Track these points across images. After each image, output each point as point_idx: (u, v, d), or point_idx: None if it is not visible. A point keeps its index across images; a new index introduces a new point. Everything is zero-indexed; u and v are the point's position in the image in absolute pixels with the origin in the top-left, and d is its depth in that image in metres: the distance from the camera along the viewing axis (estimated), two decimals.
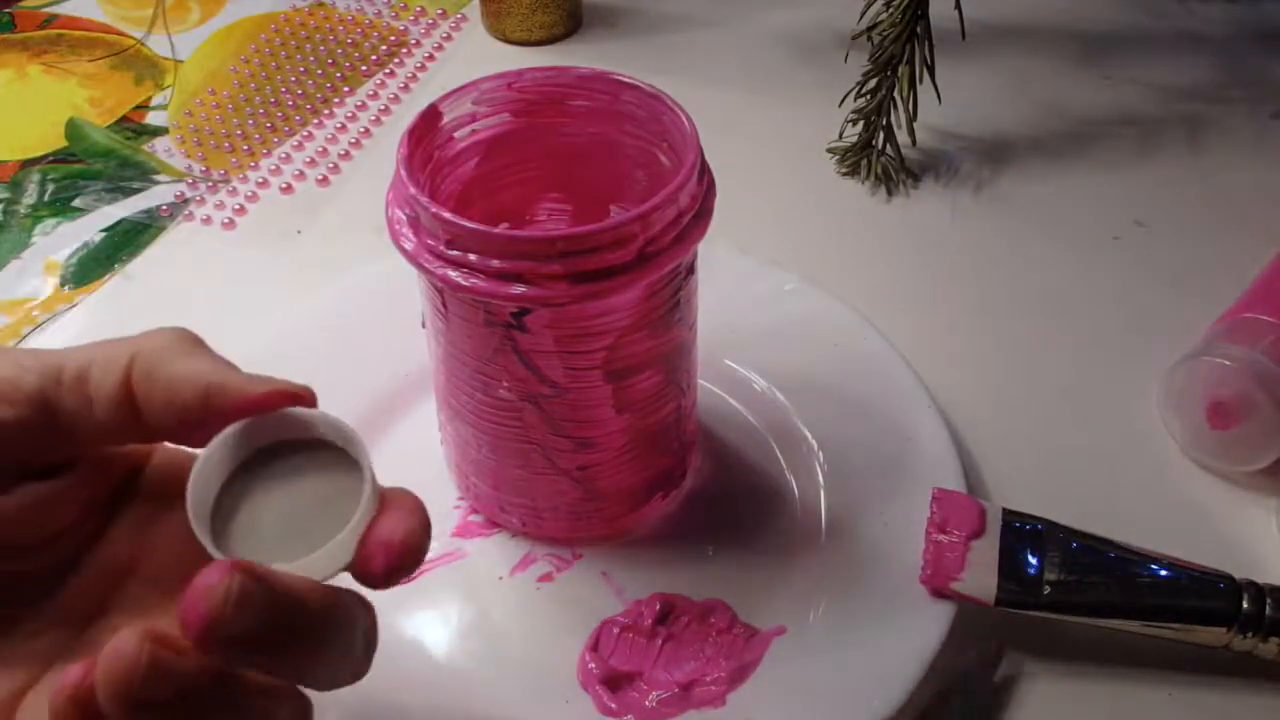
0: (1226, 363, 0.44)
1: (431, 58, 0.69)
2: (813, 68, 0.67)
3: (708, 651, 0.39)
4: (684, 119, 0.37)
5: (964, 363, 0.50)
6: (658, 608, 0.40)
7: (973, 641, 0.39)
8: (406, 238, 0.35)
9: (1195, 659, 0.39)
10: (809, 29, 0.70)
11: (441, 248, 0.34)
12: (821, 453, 0.45)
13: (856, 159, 0.59)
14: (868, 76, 0.58)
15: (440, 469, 0.44)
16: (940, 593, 0.39)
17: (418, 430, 0.45)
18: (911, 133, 0.58)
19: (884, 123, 0.58)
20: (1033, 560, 0.39)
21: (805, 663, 0.38)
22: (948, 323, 0.52)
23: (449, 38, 0.70)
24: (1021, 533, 0.40)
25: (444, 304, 0.36)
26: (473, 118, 0.39)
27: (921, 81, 0.57)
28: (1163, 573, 0.39)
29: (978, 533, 0.40)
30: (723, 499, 0.44)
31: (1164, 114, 0.64)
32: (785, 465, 0.45)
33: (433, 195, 0.37)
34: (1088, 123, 0.63)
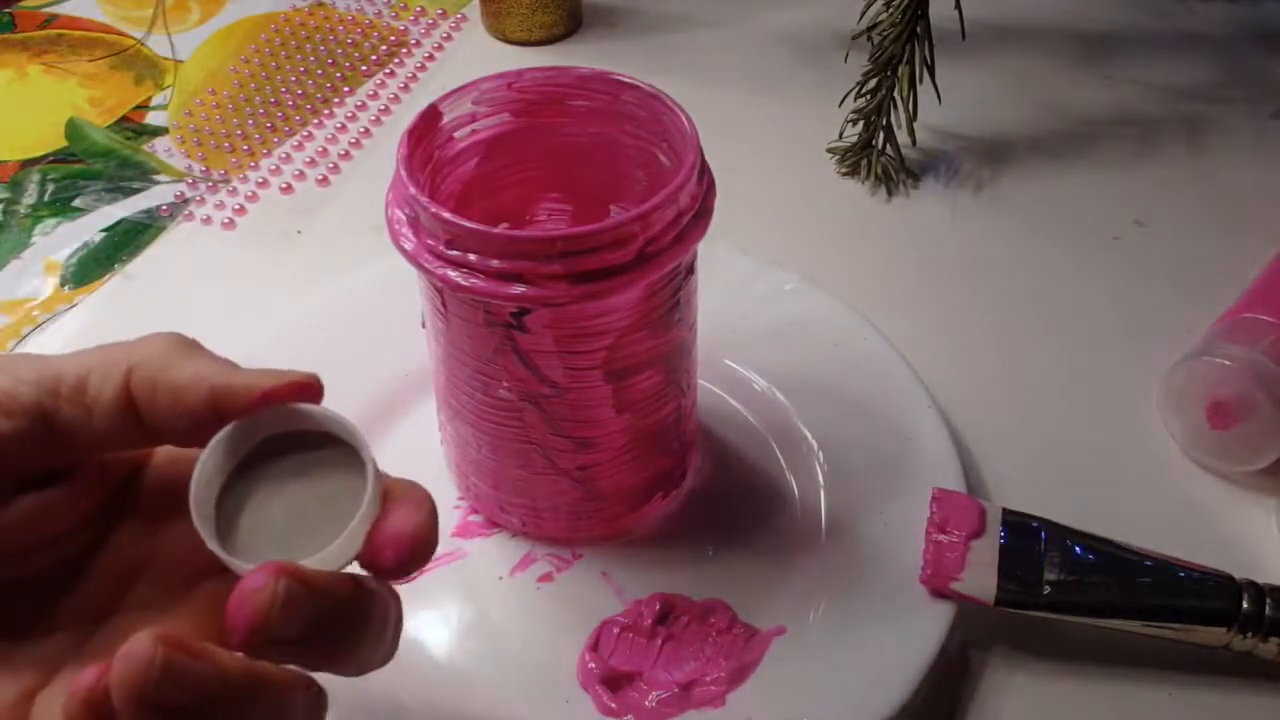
0: (1226, 363, 0.44)
1: (431, 58, 0.69)
2: (813, 68, 0.67)
3: (708, 651, 0.39)
4: (684, 119, 0.37)
5: (964, 363, 0.50)
6: (658, 608, 0.40)
7: (973, 642, 0.40)
8: (406, 238, 0.35)
9: (1195, 659, 0.39)
10: (809, 29, 0.70)
11: (441, 248, 0.34)
12: (821, 453, 0.45)
13: (856, 159, 0.59)
14: (868, 76, 0.58)
15: (440, 469, 0.44)
16: (940, 593, 0.39)
17: (418, 430, 0.45)
18: (911, 133, 0.58)
19: (884, 123, 0.58)
20: (1033, 560, 0.39)
21: (805, 663, 0.38)
22: (948, 323, 0.52)
23: (449, 38, 0.70)
24: (1021, 533, 0.40)
25: (444, 304, 0.36)
26: (473, 118, 0.39)
27: (921, 81, 0.57)
28: (1163, 573, 0.39)
29: (978, 533, 0.40)
30: (723, 499, 0.44)
31: (1164, 114, 0.64)
32: (785, 465, 0.45)
33: (433, 195, 0.37)
34: (1088, 123, 0.63)
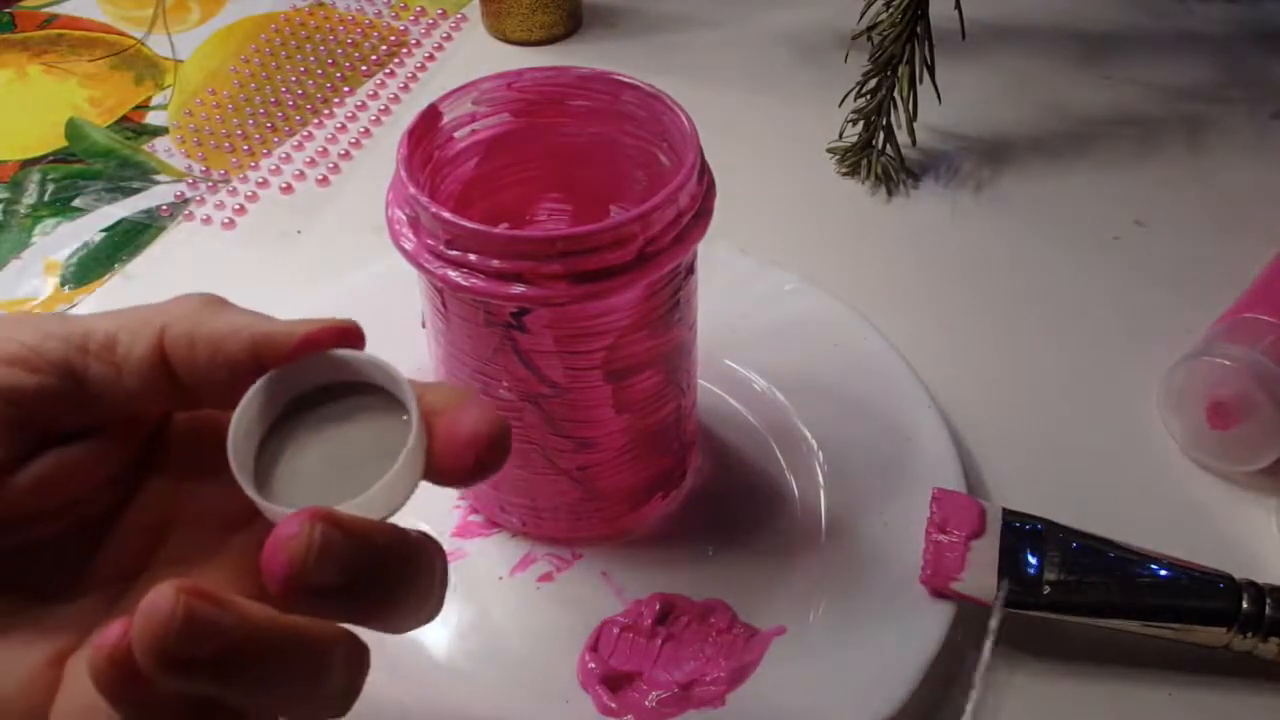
0: (1226, 363, 0.44)
1: (431, 58, 0.69)
2: (813, 68, 0.67)
3: (708, 651, 0.39)
4: (684, 119, 0.37)
5: (964, 363, 0.50)
6: (658, 608, 0.40)
7: (972, 642, 0.40)
8: (406, 238, 0.35)
9: (1195, 659, 0.39)
10: (809, 29, 0.70)
11: (441, 248, 0.34)
12: (821, 453, 0.45)
13: (856, 159, 0.59)
14: (868, 76, 0.58)
15: None
16: (940, 593, 0.39)
17: None
18: (911, 133, 0.58)
19: (884, 123, 0.58)
20: (1033, 560, 0.39)
21: (805, 663, 0.38)
22: (947, 323, 0.52)
23: (449, 38, 0.70)
24: (1021, 533, 0.40)
25: (444, 304, 0.36)
26: (473, 118, 0.39)
27: (921, 81, 0.57)
28: (1163, 573, 0.39)
29: (978, 533, 0.40)
30: (723, 499, 0.44)
31: (1164, 114, 0.64)
32: (785, 465, 0.45)
33: (433, 195, 0.37)
34: (1088, 123, 0.63)
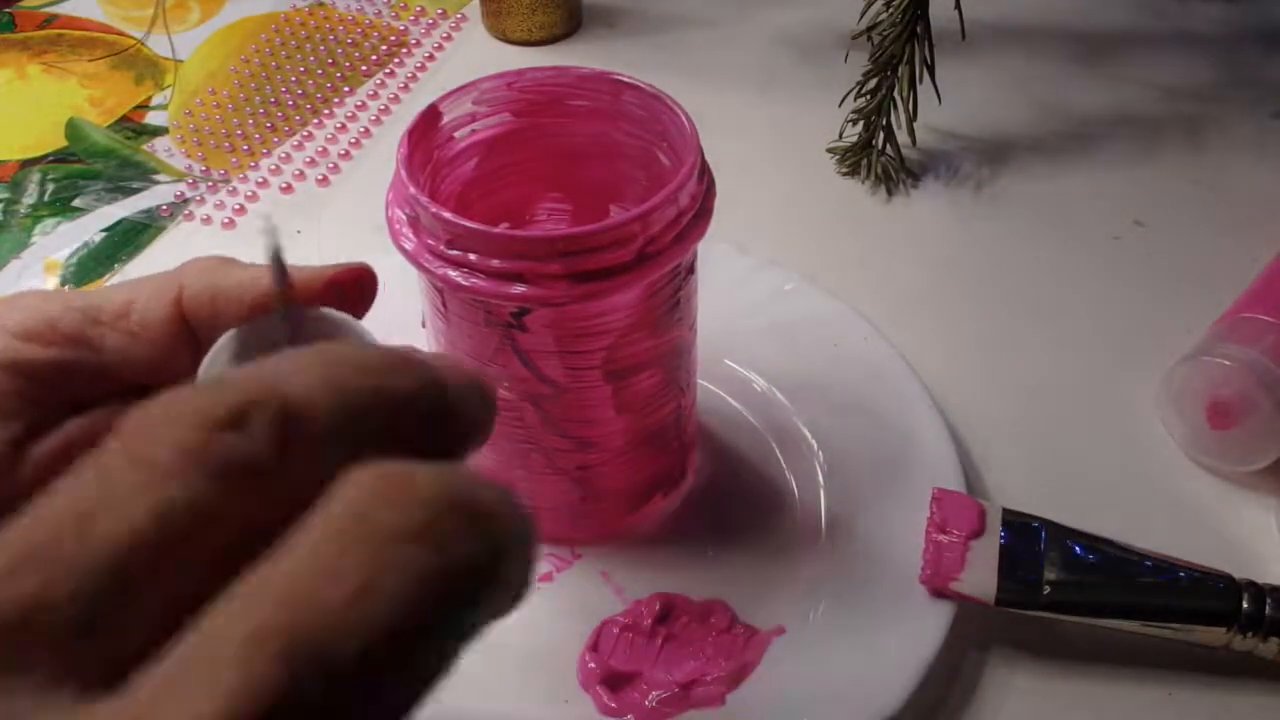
0: (1226, 363, 0.44)
1: (431, 58, 0.69)
2: (813, 68, 0.67)
3: (708, 651, 0.39)
4: (684, 119, 0.37)
5: (964, 363, 0.50)
6: (658, 608, 0.40)
7: (972, 642, 0.40)
8: (406, 238, 0.35)
9: (1195, 659, 0.39)
10: (809, 29, 0.70)
11: (441, 248, 0.34)
12: (821, 453, 0.45)
13: (856, 159, 0.59)
14: (868, 76, 0.58)
15: None
16: (940, 593, 0.39)
17: None
18: (911, 133, 0.58)
19: (884, 123, 0.58)
20: (1033, 560, 0.39)
21: (805, 663, 0.38)
22: (947, 322, 0.52)
23: (449, 38, 0.70)
24: (1021, 533, 0.40)
25: (444, 304, 0.36)
26: (473, 118, 0.39)
27: (921, 81, 0.57)
28: (1163, 573, 0.39)
29: (978, 533, 0.40)
30: (723, 499, 0.44)
31: (1164, 114, 0.64)
32: (785, 465, 0.45)
33: (433, 195, 0.37)
34: (1088, 123, 0.63)
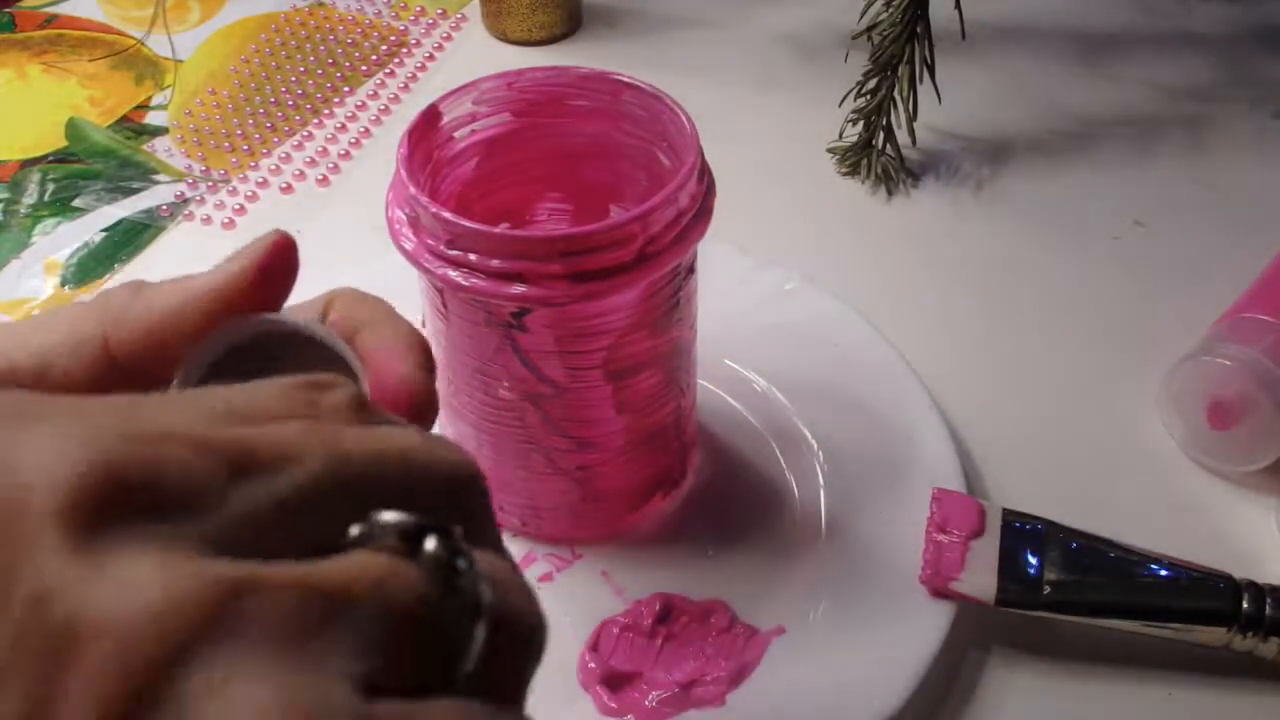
0: (1226, 363, 0.44)
1: (431, 58, 0.69)
2: (813, 68, 0.67)
3: (708, 651, 0.39)
4: (684, 119, 0.37)
5: (964, 363, 0.50)
6: (658, 608, 0.40)
7: (972, 642, 0.40)
8: (406, 238, 0.35)
9: (1195, 659, 0.39)
10: (809, 29, 0.70)
11: (442, 248, 0.34)
12: (821, 453, 0.45)
13: (856, 159, 0.59)
14: (868, 76, 0.58)
15: None
16: (940, 593, 0.39)
17: None
18: (911, 133, 0.58)
19: (884, 123, 0.58)
20: (1033, 560, 0.39)
21: (805, 663, 0.38)
22: (948, 322, 0.52)
23: (449, 38, 0.70)
24: (1021, 533, 0.40)
25: (444, 304, 0.36)
26: (473, 118, 0.39)
27: (921, 81, 0.57)
28: (1163, 573, 0.39)
29: (978, 533, 0.40)
30: (723, 499, 0.44)
31: (1164, 114, 0.64)
32: (785, 465, 0.45)
33: (433, 195, 0.37)
34: (1088, 123, 0.63)
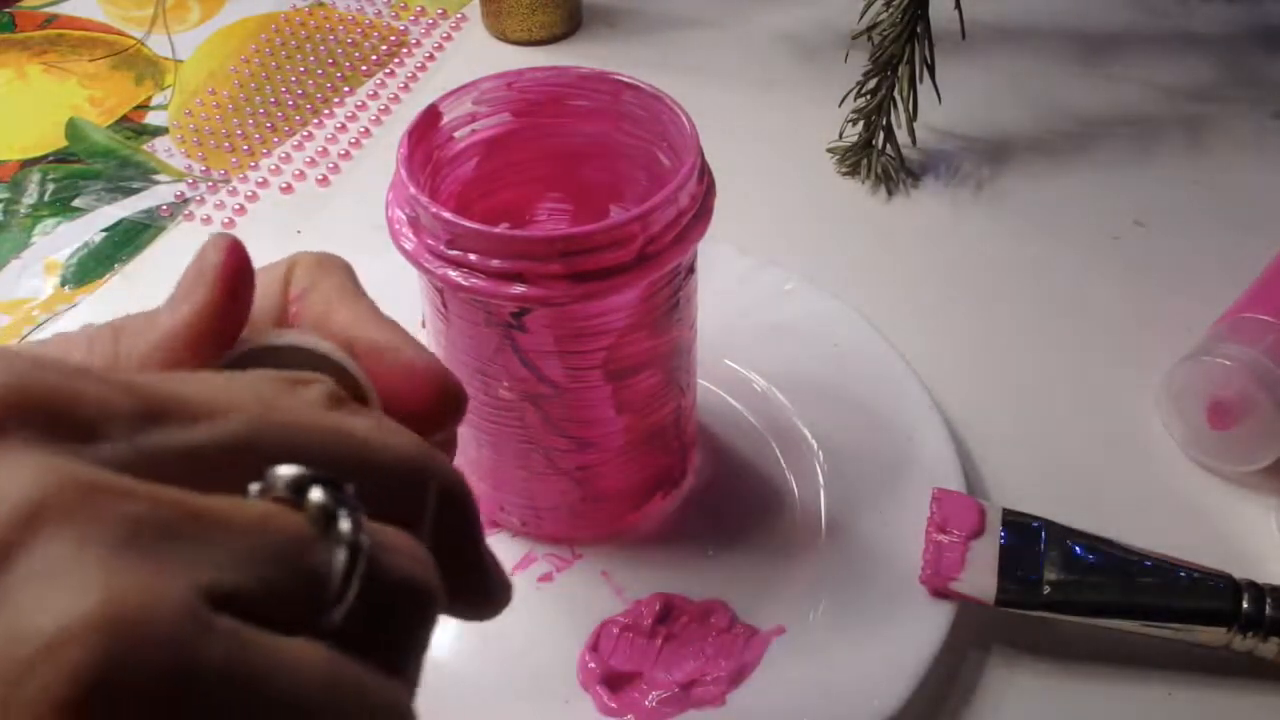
0: (1226, 363, 0.44)
1: (431, 58, 0.69)
2: (813, 68, 0.67)
3: (708, 651, 0.39)
4: (684, 119, 0.37)
5: (964, 362, 0.50)
6: (658, 608, 0.40)
7: (973, 642, 0.40)
8: (406, 238, 0.35)
9: (1195, 659, 0.39)
10: (809, 29, 0.70)
11: (441, 248, 0.34)
12: (821, 453, 0.45)
13: (856, 159, 0.59)
14: (868, 76, 0.58)
15: None
16: (940, 593, 0.39)
17: None
18: (911, 132, 0.58)
19: (884, 122, 0.58)
20: (1033, 560, 0.39)
21: (805, 663, 0.38)
22: (948, 322, 0.52)
23: (449, 38, 0.70)
24: (1021, 533, 0.40)
25: (444, 304, 0.36)
26: (473, 118, 0.39)
27: (921, 81, 0.57)
28: (1163, 573, 0.39)
29: (978, 533, 0.40)
30: (723, 499, 0.44)
31: (1164, 114, 0.64)
32: (785, 465, 0.45)
33: (433, 195, 0.37)
34: (1088, 123, 0.63)
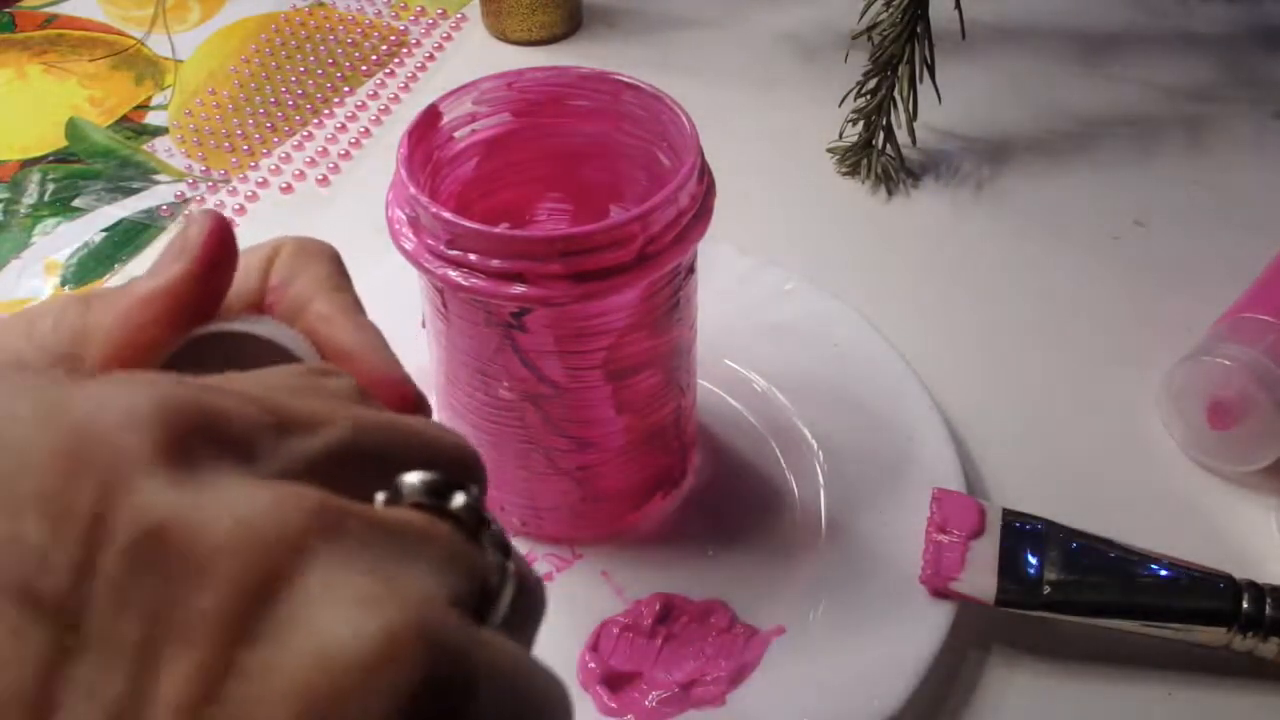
0: (1226, 363, 0.44)
1: (431, 58, 0.69)
2: (813, 68, 0.67)
3: (708, 651, 0.39)
4: (684, 119, 0.37)
5: (964, 363, 0.50)
6: (658, 608, 0.40)
7: (973, 642, 0.40)
8: (406, 238, 0.35)
9: (1195, 659, 0.39)
10: (809, 29, 0.70)
11: (442, 248, 0.34)
12: (821, 453, 0.45)
13: (856, 159, 0.59)
14: (868, 76, 0.58)
15: None
16: (940, 592, 0.39)
17: None
18: (911, 132, 0.58)
19: (884, 123, 0.58)
20: (1033, 560, 0.39)
21: (805, 663, 0.38)
22: (948, 322, 0.52)
23: (449, 38, 0.70)
24: (1021, 533, 0.40)
25: (444, 304, 0.36)
26: (473, 118, 0.39)
27: (921, 81, 0.57)
28: (1163, 573, 0.39)
29: (978, 533, 0.40)
30: (723, 499, 0.44)
31: (1164, 114, 0.64)
32: (785, 465, 0.45)
33: (433, 195, 0.37)
34: (1088, 123, 0.63)
